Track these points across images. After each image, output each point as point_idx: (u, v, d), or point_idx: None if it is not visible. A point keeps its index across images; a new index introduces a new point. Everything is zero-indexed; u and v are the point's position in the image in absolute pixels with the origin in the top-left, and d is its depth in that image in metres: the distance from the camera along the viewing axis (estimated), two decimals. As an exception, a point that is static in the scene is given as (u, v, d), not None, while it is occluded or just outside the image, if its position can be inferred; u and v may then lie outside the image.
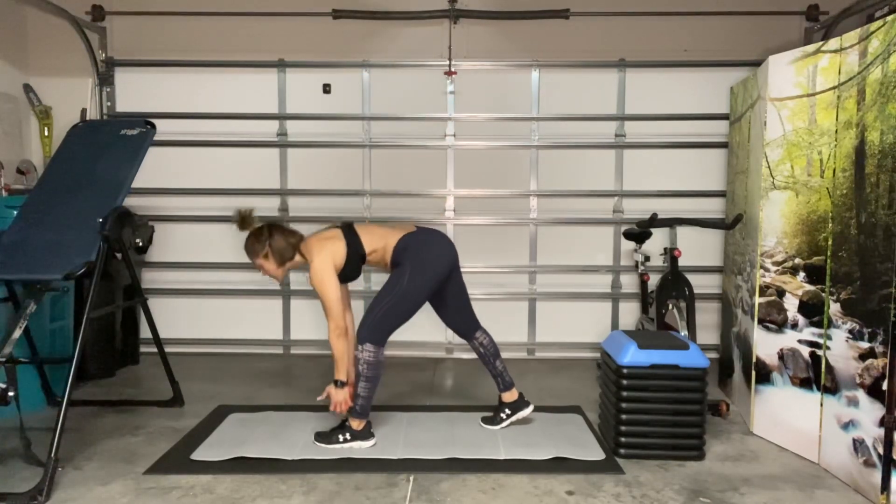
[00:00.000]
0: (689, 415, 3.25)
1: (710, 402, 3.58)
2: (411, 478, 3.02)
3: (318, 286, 3.30)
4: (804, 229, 3.38)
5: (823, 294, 3.25)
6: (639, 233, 4.55)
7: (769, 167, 3.59)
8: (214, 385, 4.46)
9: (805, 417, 3.32)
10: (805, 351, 3.35)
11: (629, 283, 5.25)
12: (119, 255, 4.08)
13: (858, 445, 2.97)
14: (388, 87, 5.21)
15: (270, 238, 3.37)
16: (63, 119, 4.99)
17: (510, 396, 3.64)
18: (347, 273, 3.44)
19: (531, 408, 3.64)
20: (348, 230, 3.44)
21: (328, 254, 3.34)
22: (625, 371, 3.24)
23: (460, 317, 3.63)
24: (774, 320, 3.54)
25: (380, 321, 3.28)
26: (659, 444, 3.26)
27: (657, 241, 4.87)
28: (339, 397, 3.36)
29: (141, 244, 4.49)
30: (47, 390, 3.93)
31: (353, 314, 3.67)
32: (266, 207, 5.26)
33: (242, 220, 3.38)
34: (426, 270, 3.34)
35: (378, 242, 3.42)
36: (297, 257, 3.42)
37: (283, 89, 5.23)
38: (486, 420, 3.67)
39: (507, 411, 3.63)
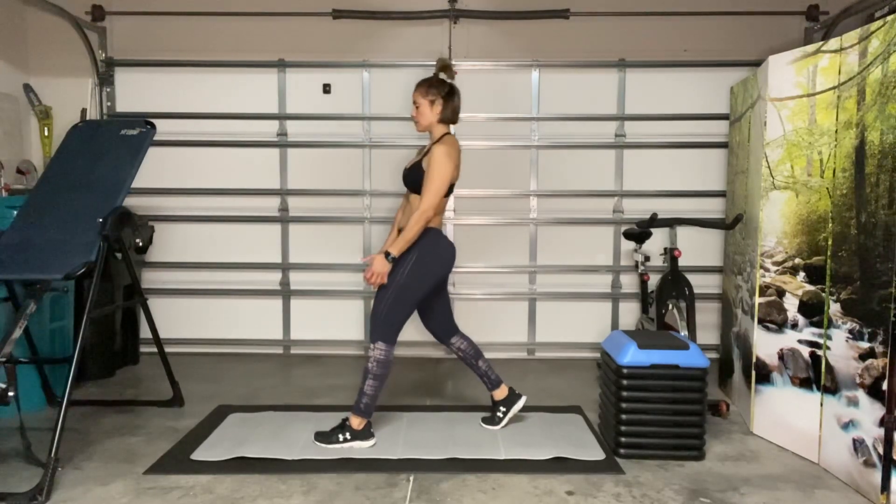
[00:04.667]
0: (689, 415, 3.25)
1: (710, 402, 3.59)
2: (411, 478, 3.02)
3: (437, 166, 3.26)
4: (804, 229, 3.38)
5: (823, 294, 3.25)
6: (639, 233, 4.55)
7: (769, 167, 3.59)
8: (214, 385, 4.46)
9: (805, 417, 3.32)
10: (805, 351, 3.35)
11: (629, 283, 5.25)
12: (119, 255, 4.08)
13: (858, 445, 2.97)
14: (388, 87, 5.21)
15: (453, 94, 3.44)
16: (63, 119, 4.99)
17: (500, 393, 3.64)
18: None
19: (523, 399, 3.65)
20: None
21: (455, 158, 3.35)
22: (625, 371, 3.24)
23: (441, 320, 3.63)
24: (774, 320, 3.54)
25: (387, 319, 3.29)
26: (659, 444, 3.26)
27: (657, 241, 4.87)
28: (383, 269, 3.24)
29: (141, 244, 4.49)
30: (47, 390, 3.93)
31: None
32: (266, 207, 5.28)
33: (445, 66, 3.48)
34: (428, 267, 3.34)
35: (438, 207, 3.36)
36: (440, 129, 3.43)
37: (283, 89, 5.23)
38: (485, 420, 3.67)
39: (503, 409, 3.63)
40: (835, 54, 3.20)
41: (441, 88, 3.43)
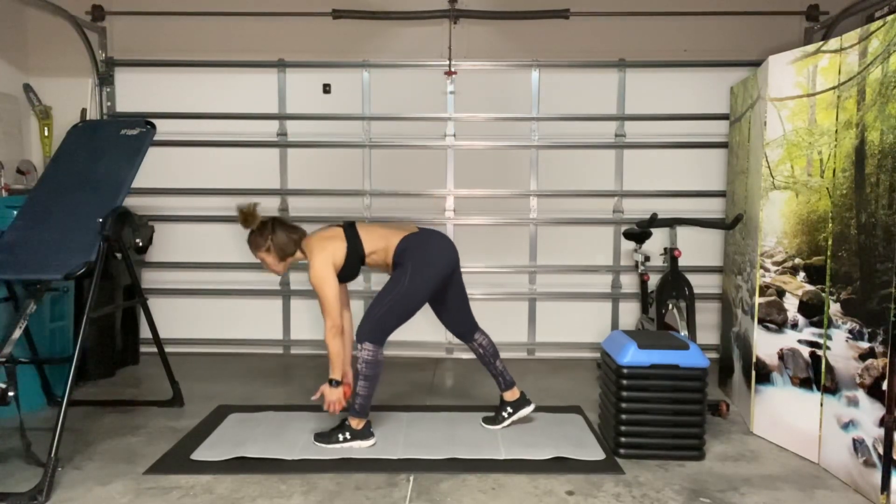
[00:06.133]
0: (689, 415, 3.25)
1: (710, 402, 3.58)
2: (411, 478, 3.02)
3: (318, 286, 3.31)
4: (804, 229, 3.38)
5: (823, 294, 3.25)
6: (639, 233, 4.55)
7: (769, 167, 3.59)
8: (214, 385, 4.46)
9: (805, 417, 3.32)
10: (805, 351, 3.35)
11: (629, 283, 5.25)
12: (119, 255, 4.08)
13: (858, 445, 2.97)
14: (388, 87, 5.21)
15: (273, 233, 3.42)
16: (63, 119, 4.99)
17: (511, 395, 3.64)
18: (346, 273, 3.45)
19: (532, 406, 3.65)
20: (350, 230, 3.45)
21: (328, 254, 3.35)
22: (625, 371, 3.24)
23: (459, 318, 3.63)
24: (774, 320, 3.54)
25: (380, 321, 3.29)
26: (659, 444, 3.26)
27: (657, 241, 4.87)
28: (333, 396, 3.36)
29: (141, 244, 4.49)
30: (47, 390, 3.94)
31: (352, 313, 3.69)
32: (266, 207, 5.21)
33: (245, 217, 3.42)
34: (427, 271, 3.34)
35: (379, 243, 3.42)
36: (298, 253, 3.46)
37: (283, 89, 5.23)
38: (487, 420, 3.67)
39: (509, 409, 3.63)
40: (835, 54, 3.20)
41: (262, 236, 3.42)
